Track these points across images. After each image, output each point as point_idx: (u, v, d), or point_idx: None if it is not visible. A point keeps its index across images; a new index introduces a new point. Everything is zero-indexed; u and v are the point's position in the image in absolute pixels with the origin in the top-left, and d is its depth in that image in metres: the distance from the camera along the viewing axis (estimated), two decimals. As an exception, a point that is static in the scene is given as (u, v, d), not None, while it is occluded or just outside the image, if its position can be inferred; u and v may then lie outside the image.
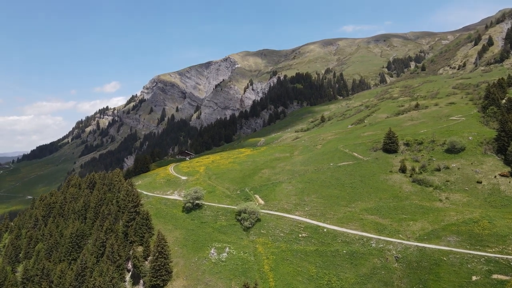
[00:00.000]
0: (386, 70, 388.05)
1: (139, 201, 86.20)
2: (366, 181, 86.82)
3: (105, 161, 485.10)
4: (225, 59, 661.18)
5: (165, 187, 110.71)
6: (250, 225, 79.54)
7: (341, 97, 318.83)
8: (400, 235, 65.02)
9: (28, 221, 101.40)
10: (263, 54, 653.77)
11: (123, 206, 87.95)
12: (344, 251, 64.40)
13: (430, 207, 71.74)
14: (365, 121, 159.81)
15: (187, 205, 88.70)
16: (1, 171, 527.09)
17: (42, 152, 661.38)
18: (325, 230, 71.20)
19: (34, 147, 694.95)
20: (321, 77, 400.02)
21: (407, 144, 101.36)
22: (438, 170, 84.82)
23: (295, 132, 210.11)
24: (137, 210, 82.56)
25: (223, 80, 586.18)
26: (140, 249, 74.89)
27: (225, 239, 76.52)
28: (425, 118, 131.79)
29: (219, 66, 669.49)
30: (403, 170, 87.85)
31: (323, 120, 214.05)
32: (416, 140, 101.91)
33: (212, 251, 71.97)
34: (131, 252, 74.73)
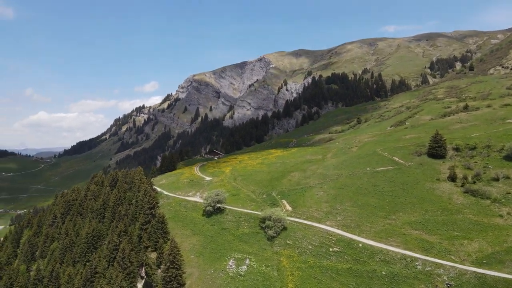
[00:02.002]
0: (428, 70, 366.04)
1: (156, 202, 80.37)
2: (409, 189, 76.02)
3: (139, 158, 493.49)
4: (260, 59, 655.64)
5: (187, 188, 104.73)
6: (275, 234, 71.38)
7: (379, 98, 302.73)
8: (452, 257, 54.44)
9: (47, 218, 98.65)
10: (298, 54, 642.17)
11: (140, 207, 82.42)
12: (383, 273, 54.68)
13: (489, 224, 60.31)
14: (406, 123, 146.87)
15: (207, 208, 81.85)
16: (43, 165, 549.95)
17: (81, 148, 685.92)
18: (360, 245, 61.67)
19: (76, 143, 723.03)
20: (358, 78, 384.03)
21: (456, 149, 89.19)
22: (496, 179, 72.57)
23: (329, 133, 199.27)
24: (153, 213, 76.67)
25: (257, 80, 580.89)
26: (153, 255, 68.80)
27: (246, 249, 68.75)
28: (476, 121, 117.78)
29: (254, 66, 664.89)
30: (453, 178, 76.26)
31: (359, 121, 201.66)
32: (468, 144, 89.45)
33: (230, 263, 64.41)
34: (144, 258, 68.65)
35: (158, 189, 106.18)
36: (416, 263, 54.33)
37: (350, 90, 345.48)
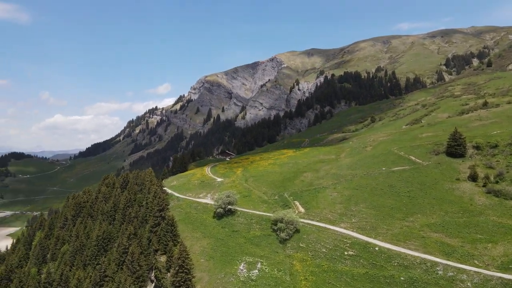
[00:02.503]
0: (444, 67, 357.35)
1: (165, 204, 78.93)
2: (427, 190, 72.82)
3: (152, 160, 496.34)
4: (271, 59, 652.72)
5: (198, 189, 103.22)
6: (287, 237, 69.16)
7: (393, 97, 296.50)
8: (476, 261, 51.35)
9: (59, 220, 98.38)
10: (310, 53, 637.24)
11: (150, 210, 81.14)
12: (402, 278, 51.91)
13: (514, 226, 56.94)
14: (422, 121, 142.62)
15: (218, 210, 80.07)
16: (59, 167, 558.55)
17: (96, 149, 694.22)
18: (376, 248, 58.93)
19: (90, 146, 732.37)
20: (371, 76, 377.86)
21: (477, 147, 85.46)
22: (521, 179, 68.96)
23: (342, 132, 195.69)
24: (163, 215, 75.25)
25: (269, 80, 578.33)
26: (163, 259, 67.33)
27: (257, 252, 66.69)
28: (497, 118, 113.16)
29: (265, 66, 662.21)
30: (473, 178, 72.81)
31: (373, 120, 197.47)
32: (489, 142, 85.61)
33: (241, 267, 62.43)
34: (153, 262, 67.20)
35: (169, 191, 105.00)
36: (437, 268, 51.39)
37: (364, 88, 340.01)
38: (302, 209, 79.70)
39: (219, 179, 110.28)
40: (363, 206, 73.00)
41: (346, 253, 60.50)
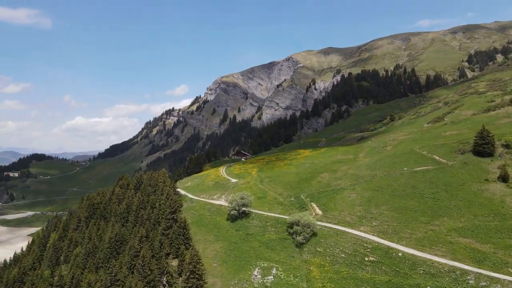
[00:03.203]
0: (466, 64, 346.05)
1: (178, 206, 76.81)
2: (453, 191, 68.28)
3: (169, 161, 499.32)
4: (287, 59, 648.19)
5: (212, 191, 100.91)
6: (304, 241, 65.98)
7: (413, 95, 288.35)
8: (510, 270, 47.00)
9: (73, 221, 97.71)
10: (326, 52, 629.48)
11: (162, 212, 79.17)
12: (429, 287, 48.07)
13: (552, 231, 52.21)
14: (445, 119, 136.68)
15: (232, 212, 77.46)
16: (78, 168, 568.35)
17: (114, 151, 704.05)
18: (400, 254, 55.08)
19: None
20: (389, 74, 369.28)
21: (506, 146, 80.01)
22: (557, 180, 63.81)
23: (360, 132, 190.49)
24: (175, 217, 73.14)
25: (285, 79, 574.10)
26: (175, 263, 65.15)
27: (272, 257, 63.70)
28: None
29: (281, 66, 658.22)
30: (504, 178, 67.84)
31: (392, 119, 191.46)
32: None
33: (255, 272, 59.56)
34: (165, 266, 65.03)
35: (182, 192, 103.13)
36: (468, 277, 47.29)
37: (382, 87, 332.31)
38: (319, 211, 76.35)
39: (233, 180, 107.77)
40: (384, 208, 69.10)
41: (366, 258, 56.86)
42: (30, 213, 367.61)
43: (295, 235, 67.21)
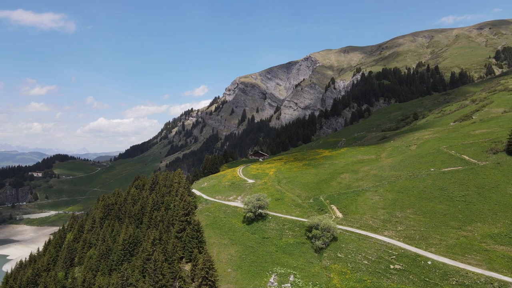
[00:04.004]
0: (493, 60, 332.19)
1: (191, 208, 74.08)
2: (486, 194, 63.02)
3: (187, 161, 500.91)
4: (306, 59, 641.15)
5: (228, 191, 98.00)
6: (324, 246, 62.17)
7: (437, 93, 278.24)
8: (557, 283, 41.97)
9: (88, 222, 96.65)
10: (345, 51, 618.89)
11: (176, 213, 76.70)
12: (462, 301, 43.51)
13: None
14: (473, 117, 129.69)
15: (247, 215, 74.27)
16: (99, 169, 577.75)
17: (134, 151, 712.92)
18: (429, 262, 50.55)
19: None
20: (412, 72, 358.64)
21: (544, 145, 74.01)
22: None
23: (382, 131, 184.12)
24: (188, 220, 70.39)
25: (304, 79, 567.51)
26: (187, 267, 62.37)
27: (290, 262, 60.09)
28: None
29: (300, 66, 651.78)
30: (543, 180, 62.26)
31: (415, 117, 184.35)
32: (559, 139, 73.86)
33: (271, 280, 56.05)
34: (178, 270, 62.33)
35: (198, 193, 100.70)
36: (508, 290, 42.53)
37: (404, 85, 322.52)
38: (339, 214, 72.31)
39: (250, 181, 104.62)
40: (410, 212, 64.45)
41: (392, 266, 52.56)
42: (52, 212, 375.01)
43: (314, 239, 63.56)
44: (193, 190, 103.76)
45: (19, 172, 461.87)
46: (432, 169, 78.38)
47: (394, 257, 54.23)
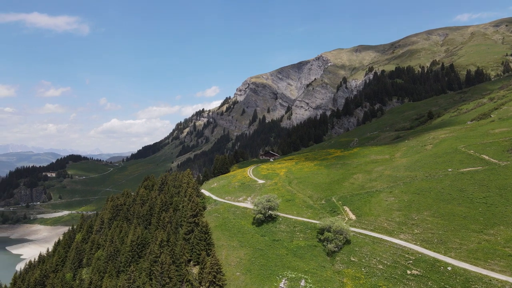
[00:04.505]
0: (511, 58, 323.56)
1: (199, 209, 72.30)
2: (509, 195, 59.60)
3: (198, 161, 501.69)
4: (317, 58, 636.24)
5: (238, 192, 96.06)
6: (336, 249, 59.70)
7: (452, 91, 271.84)
8: None
9: (97, 223, 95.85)
10: (357, 50, 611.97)
11: (184, 214, 75.04)
12: (486, 310, 40.63)
13: None
14: (492, 115, 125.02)
15: (257, 216, 72.16)
16: (111, 169, 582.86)
17: (146, 152, 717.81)
18: (449, 268, 47.69)
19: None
20: (426, 70, 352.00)
21: None
22: None
23: (395, 130, 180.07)
24: (196, 221, 68.61)
25: (315, 79, 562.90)
26: (195, 270, 60.58)
27: (301, 266, 57.76)
28: None
29: (311, 65, 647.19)
30: None
31: (430, 116, 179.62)
32: None
33: (282, 284, 53.84)
34: (185, 273, 60.57)
35: (207, 193, 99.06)
36: (536, 300, 39.52)
37: (418, 84, 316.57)
38: (352, 216, 69.68)
39: (260, 181, 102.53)
40: (427, 214, 61.47)
41: (409, 272, 49.82)
42: (66, 212, 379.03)
43: (326, 242, 61.14)
44: (203, 191, 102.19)
45: (33, 172, 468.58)
46: (450, 170, 75.13)
47: (411, 261, 51.48)
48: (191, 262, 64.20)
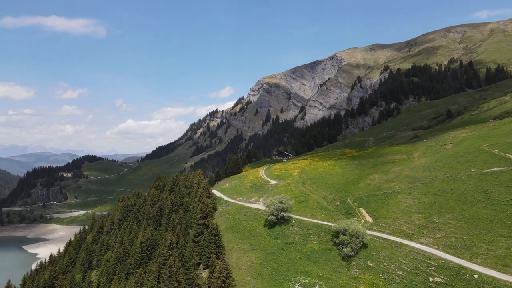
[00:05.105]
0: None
1: (209, 210, 70.13)
2: (539, 197, 55.64)
3: (212, 162, 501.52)
4: (331, 57, 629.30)
5: (249, 193, 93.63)
6: (352, 253, 56.66)
7: (471, 89, 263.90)
8: None
9: (107, 224, 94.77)
10: (372, 49, 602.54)
11: (194, 216, 73.00)
12: (519, 324, 37.14)
13: None
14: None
15: (269, 218, 69.59)
16: (126, 169, 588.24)
17: (160, 152, 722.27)
18: (475, 276, 44.22)
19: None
20: (443, 68, 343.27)
21: None
22: None
23: (413, 130, 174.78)
24: (206, 223, 66.42)
25: (329, 78, 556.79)
26: (205, 274, 58.35)
27: (315, 271, 54.92)
28: None
29: (325, 65, 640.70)
30: None
31: (449, 115, 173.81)
32: None
33: (294, 290, 51.15)
34: (194, 277, 58.40)
35: (218, 194, 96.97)
36: None
37: (435, 82, 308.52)
38: (369, 219, 66.46)
39: (273, 182, 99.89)
40: (450, 217, 57.84)
41: (431, 279, 46.51)
42: (81, 212, 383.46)
43: (341, 246, 58.17)
44: (214, 191, 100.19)
45: (50, 172, 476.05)
46: (473, 170, 71.12)
47: (433, 268, 48.13)
48: (201, 265, 62.08)
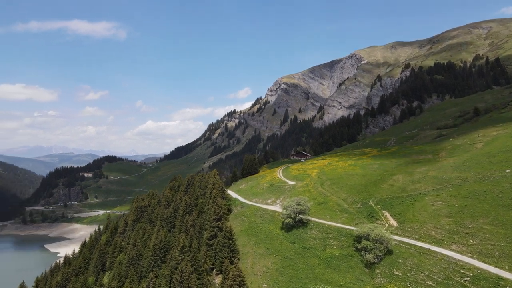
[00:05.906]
0: None
1: (223, 212, 67.06)
2: None
3: (230, 162, 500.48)
4: (350, 56, 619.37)
5: (266, 194, 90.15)
6: (376, 260, 52.40)
7: (499, 87, 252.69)
8: None
9: (121, 225, 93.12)
10: (392, 47, 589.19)
11: (207, 218, 70.10)
12: None
13: None
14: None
15: (286, 221, 65.95)
16: (145, 170, 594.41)
17: (179, 152, 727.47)
18: (517, 289, 39.46)
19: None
20: (468, 65, 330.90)
21: None
22: None
23: (437, 129, 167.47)
24: (219, 225, 63.35)
25: (348, 77, 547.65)
26: (218, 279, 55.23)
27: (335, 279, 50.99)
28: None
29: (344, 64, 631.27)
30: None
31: (476, 113, 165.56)
32: None
33: (313, 300, 47.38)
34: (206, 283, 55.40)
35: (234, 195, 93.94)
36: None
37: (460, 79, 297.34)
38: (393, 222, 61.93)
39: (290, 183, 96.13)
40: (484, 221, 52.87)
41: (466, 291, 41.94)
42: (101, 212, 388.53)
43: (364, 252, 53.98)
44: (230, 192, 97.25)
45: (71, 172, 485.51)
46: (508, 170, 65.55)
47: (468, 279, 43.53)
48: (214, 270, 59.10)
